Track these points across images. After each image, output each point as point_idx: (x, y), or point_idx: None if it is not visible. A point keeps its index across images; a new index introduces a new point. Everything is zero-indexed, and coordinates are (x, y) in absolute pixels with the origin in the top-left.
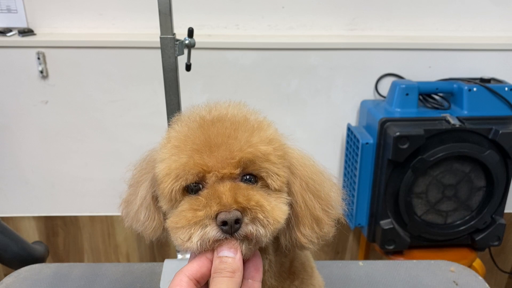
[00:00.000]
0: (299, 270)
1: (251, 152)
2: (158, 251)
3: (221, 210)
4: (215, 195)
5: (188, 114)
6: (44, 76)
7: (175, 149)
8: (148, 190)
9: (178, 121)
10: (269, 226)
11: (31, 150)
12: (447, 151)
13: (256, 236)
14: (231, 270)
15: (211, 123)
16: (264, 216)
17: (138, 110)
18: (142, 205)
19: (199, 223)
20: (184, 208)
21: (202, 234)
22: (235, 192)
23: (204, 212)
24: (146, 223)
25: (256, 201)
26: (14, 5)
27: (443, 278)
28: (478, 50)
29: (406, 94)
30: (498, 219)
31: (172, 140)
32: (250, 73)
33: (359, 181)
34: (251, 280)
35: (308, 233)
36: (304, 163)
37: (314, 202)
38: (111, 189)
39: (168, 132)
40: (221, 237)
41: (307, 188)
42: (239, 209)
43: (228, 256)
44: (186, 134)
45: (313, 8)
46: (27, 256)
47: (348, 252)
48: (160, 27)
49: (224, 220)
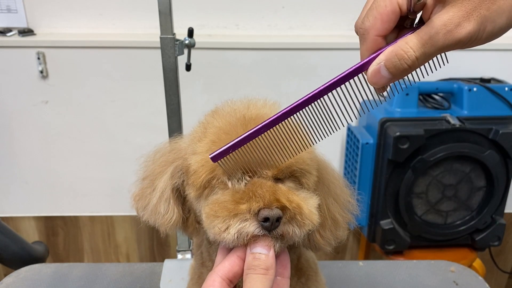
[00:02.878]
0: (305, 267)
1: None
2: (158, 251)
3: (263, 207)
4: (256, 192)
5: (225, 108)
6: (44, 76)
7: (215, 143)
8: (168, 182)
9: (215, 115)
10: (304, 227)
11: (31, 150)
12: (447, 151)
13: (291, 235)
14: (265, 267)
15: (254, 121)
16: (301, 218)
17: (138, 110)
18: (161, 197)
19: (239, 216)
20: (226, 199)
21: (241, 228)
22: (276, 192)
23: (247, 205)
24: (166, 215)
25: (296, 203)
26: (14, 5)
27: (443, 278)
28: (478, 50)
29: (406, 94)
30: (498, 219)
31: (210, 134)
32: (250, 73)
33: (359, 181)
34: (280, 277)
35: (328, 236)
36: (326, 167)
37: (335, 206)
38: (111, 189)
39: (203, 124)
40: (259, 233)
41: (329, 192)
42: (280, 208)
43: (261, 253)
44: (227, 130)
45: (313, 8)
46: (27, 256)
47: (348, 252)
48: (160, 27)
49: (266, 217)
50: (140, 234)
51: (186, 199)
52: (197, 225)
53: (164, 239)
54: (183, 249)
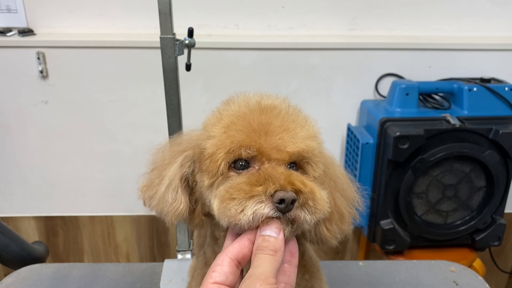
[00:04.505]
0: (309, 264)
1: (302, 146)
2: (158, 251)
3: (279, 189)
4: (271, 175)
5: (240, 97)
6: (44, 76)
7: (230, 126)
8: (177, 171)
9: (230, 103)
10: (315, 214)
11: (31, 150)
12: (447, 151)
13: (302, 221)
14: (273, 249)
15: (268, 109)
16: (313, 204)
17: (138, 110)
18: (170, 186)
19: (255, 198)
20: (241, 181)
21: (257, 209)
22: (291, 176)
23: (263, 187)
24: (173, 204)
25: (310, 187)
26: (14, 5)
27: (443, 278)
28: (478, 50)
29: (406, 94)
30: (498, 219)
31: (225, 118)
32: (250, 73)
33: (359, 181)
34: (287, 264)
35: (334, 229)
36: (333, 162)
37: (341, 201)
38: (111, 189)
39: (218, 111)
40: (274, 215)
41: (336, 186)
42: (294, 191)
43: (271, 235)
44: (244, 114)
45: (313, 8)
46: (27, 256)
47: (348, 252)
48: (160, 27)
49: (282, 198)
50: (140, 234)
51: (194, 190)
52: (203, 217)
53: (164, 239)
54: (183, 249)
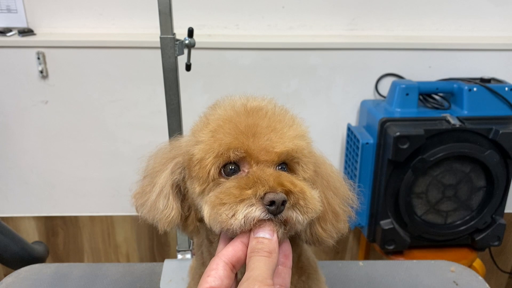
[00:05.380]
0: (306, 265)
1: (290, 145)
2: (158, 251)
3: (269, 191)
4: (260, 178)
5: (225, 101)
6: (44, 76)
7: (218, 130)
8: (168, 178)
9: (216, 107)
10: (307, 213)
11: (31, 150)
12: (447, 151)
13: (294, 222)
14: (268, 250)
15: (254, 111)
16: (304, 204)
17: (138, 110)
18: (161, 193)
19: (246, 202)
20: (231, 186)
21: (248, 213)
22: (280, 177)
23: (253, 190)
24: (164, 211)
25: (300, 187)
26: (14, 5)
27: (443, 278)
28: (478, 50)
29: (406, 94)
30: (498, 219)
31: (212, 122)
32: (250, 73)
33: (359, 181)
34: (281, 266)
35: (329, 229)
36: (324, 161)
37: (334, 199)
38: (111, 189)
39: (204, 116)
40: (265, 217)
41: (328, 185)
42: (284, 192)
43: (265, 237)
44: (230, 117)
45: (313, 8)
46: (27, 256)
47: (348, 252)
48: (160, 27)
49: (272, 200)
50: (140, 234)
51: (186, 197)
52: (197, 223)
53: (164, 239)
54: (183, 249)
